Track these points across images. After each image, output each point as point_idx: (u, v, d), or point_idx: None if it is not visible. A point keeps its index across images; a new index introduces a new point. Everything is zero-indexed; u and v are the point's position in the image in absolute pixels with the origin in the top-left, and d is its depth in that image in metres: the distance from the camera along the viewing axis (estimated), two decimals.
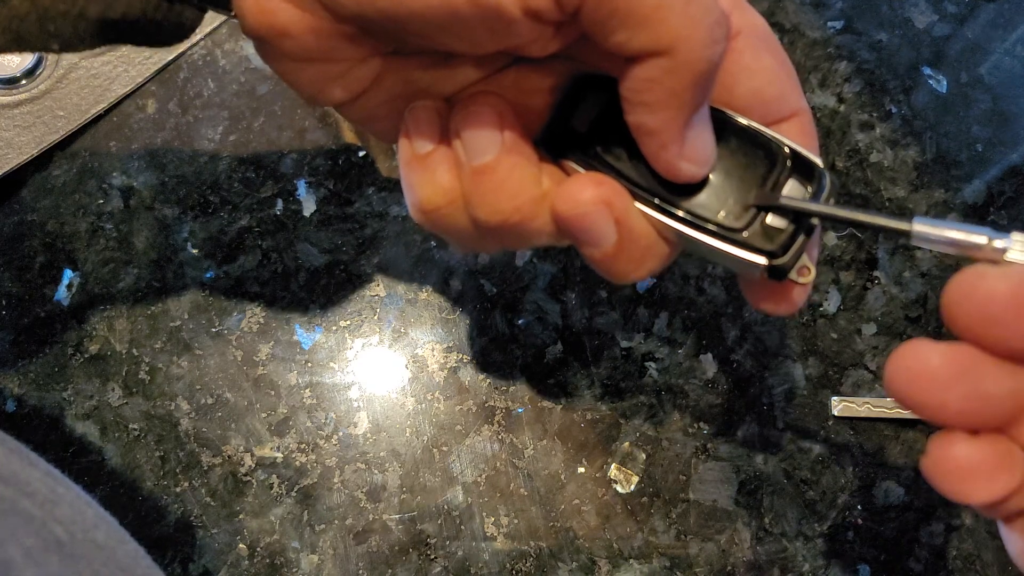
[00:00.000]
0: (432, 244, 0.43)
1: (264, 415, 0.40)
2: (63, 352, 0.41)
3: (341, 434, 0.40)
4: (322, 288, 0.42)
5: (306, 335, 0.42)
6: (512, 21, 0.21)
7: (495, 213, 0.24)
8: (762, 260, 0.24)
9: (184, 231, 0.43)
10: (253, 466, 0.40)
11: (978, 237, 0.20)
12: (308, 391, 0.41)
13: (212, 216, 0.43)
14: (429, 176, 0.25)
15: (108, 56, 0.44)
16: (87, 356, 0.41)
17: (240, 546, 0.39)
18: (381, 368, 0.41)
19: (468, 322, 0.42)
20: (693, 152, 0.23)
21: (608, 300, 0.42)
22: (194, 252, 0.42)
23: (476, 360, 0.41)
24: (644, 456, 0.40)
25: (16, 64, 0.43)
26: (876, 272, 0.42)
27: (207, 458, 0.40)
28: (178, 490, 0.39)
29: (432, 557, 0.39)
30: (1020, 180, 0.44)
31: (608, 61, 0.23)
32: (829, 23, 0.46)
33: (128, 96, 0.44)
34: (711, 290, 0.42)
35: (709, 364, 0.41)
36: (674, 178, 0.24)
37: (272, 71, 0.25)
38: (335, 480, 0.39)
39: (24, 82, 0.43)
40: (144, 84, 0.45)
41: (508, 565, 0.38)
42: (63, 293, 0.42)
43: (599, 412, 0.40)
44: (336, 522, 0.39)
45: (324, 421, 0.40)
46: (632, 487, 0.40)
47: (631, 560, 0.39)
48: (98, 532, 0.28)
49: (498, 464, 0.40)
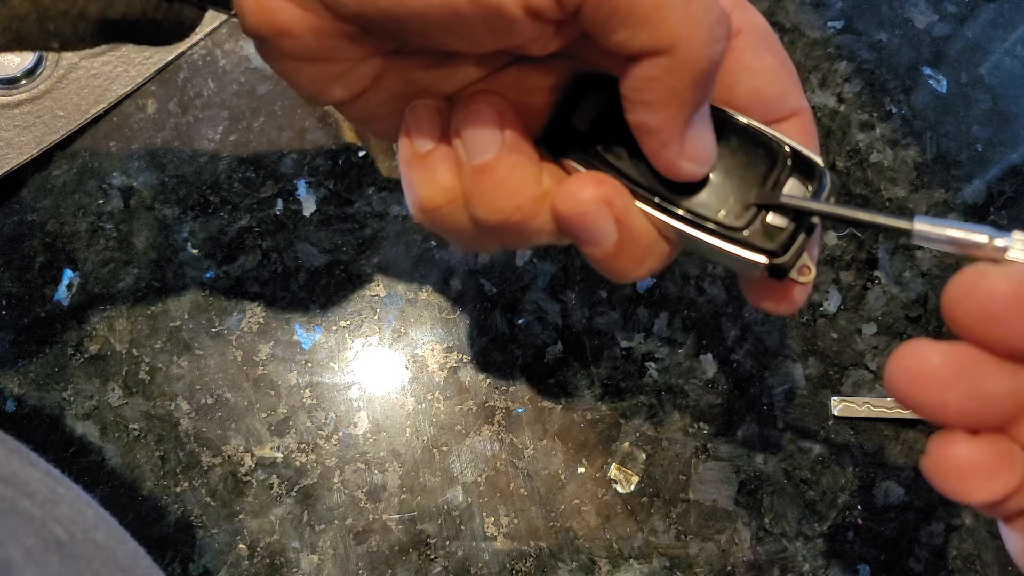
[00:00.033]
0: (432, 244, 0.43)
1: (264, 415, 0.40)
2: (63, 352, 0.41)
3: (341, 434, 0.40)
4: (322, 288, 0.42)
5: (306, 335, 0.42)
6: (513, 20, 0.21)
7: (495, 212, 0.24)
8: (762, 259, 0.24)
9: (184, 231, 0.43)
10: (253, 466, 0.40)
11: (979, 236, 0.20)
12: (308, 391, 0.41)
13: (212, 216, 0.43)
14: (429, 175, 0.25)
15: (108, 56, 0.44)
16: (87, 356, 0.41)
17: (240, 546, 0.39)
18: (381, 368, 0.41)
19: (468, 322, 0.42)
20: (693, 151, 0.23)
21: (608, 300, 0.42)
22: (194, 252, 0.42)
23: (476, 360, 0.41)
24: (644, 456, 0.40)
25: (16, 64, 0.43)
26: (876, 272, 0.42)
27: (207, 458, 0.40)
28: (178, 490, 0.39)
29: (432, 557, 0.38)
30: (1020, 180, 0.44)
31: (609, 60, 0.23)
32: (829, 23, 0.46)
33: (128, 96, 0.44)
34: (711, 290, 0.42)
35: (709, 364, 0.41)
36: (674, 177, 0.24)
37: (272, 71, 0.25)
38: (335, 480, 0.39)
39: (24, 82, 0.43)
40: (144, 84, 0.45)
41: (508, 565, 0.38)
42: (63, 293, 0.42)
43: (599, 412, 0.40)
44: (336, 522, 0.39)
45: (324, 421, 0.40)
46: (632, 487, 0.40)
47: (631, 560, 0.39)
48: (98, 532, 0.28)
49: (498, 464, 0.40)
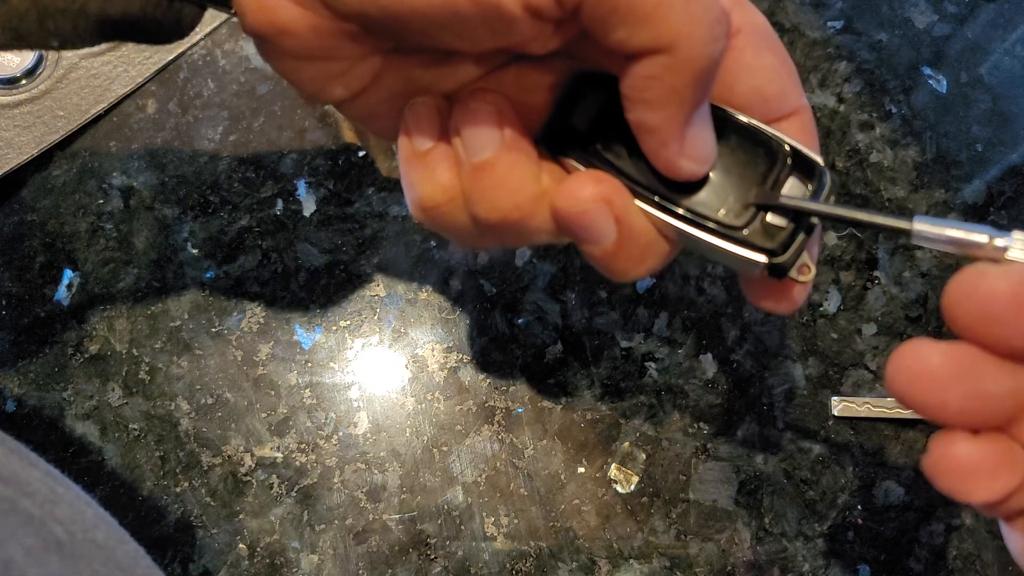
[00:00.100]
0: (432, 244, 0.43)
1: (264, 415, 0.40)
2: (63, 352, 0.41)
3: (341, 434, 0.40)
4: (322, 288, 0.42)
5: (306, 335, 0.42)
6: (513, 19, 0.21)
7: (495, 210, 0.24)
8: (762, 258, 0.24)
9: (184, 231, 0.43)
10: (253, 466, 0.40)
11: (979, 236, 0.20)
12: (308, 391, 0.41)
13: (212, 216, 0.43)
14: (429, 173, 0.25)
15: (108, 56, 0.44)
16: (87, 356, 0.41)
17: (240, 546, 0.39)
18: (381, 368, 0.41)
19: (468, 322, 0.42)
20: (693, 150, 0.23)
21: (608, 300, 0.42)
22: (194, 252, 0.42)
23: (476, 360, 0.41)
24: (644, 456, 0.40)
25: (16, 64, 0.43)
26: (876, 272, 0.42)
27: (207, 458, 0.40)
28: (178, 490, 0.39)
29: (432, 557, 0.38)
30: (1020, 180, 0.44)
31: (608, 58, 0.23)
32: (829, 23, 0.46)
33: (128, 96, 0.44)
34: (711, 290, 0.42)
35: (709, 364, 0.41)
36: (674, 176, 0.24)
37: (272, 70, 0.25)
38: (335, 480, 0.39)
39: (24, 82, 0.43)
40: (144, 84, 0.45)
41: (508, 565, 0.38)
42: (63, 293, 0.42)
43: (599, 412, 0.40)
44: (336, 522, 0.39)
45: (324, 421, 0.40)
46: (632, 487, 0.40)
47: (631, 560, 0.39)
48: (98, 532, 0.28)
49: (498, 464, 0.40)
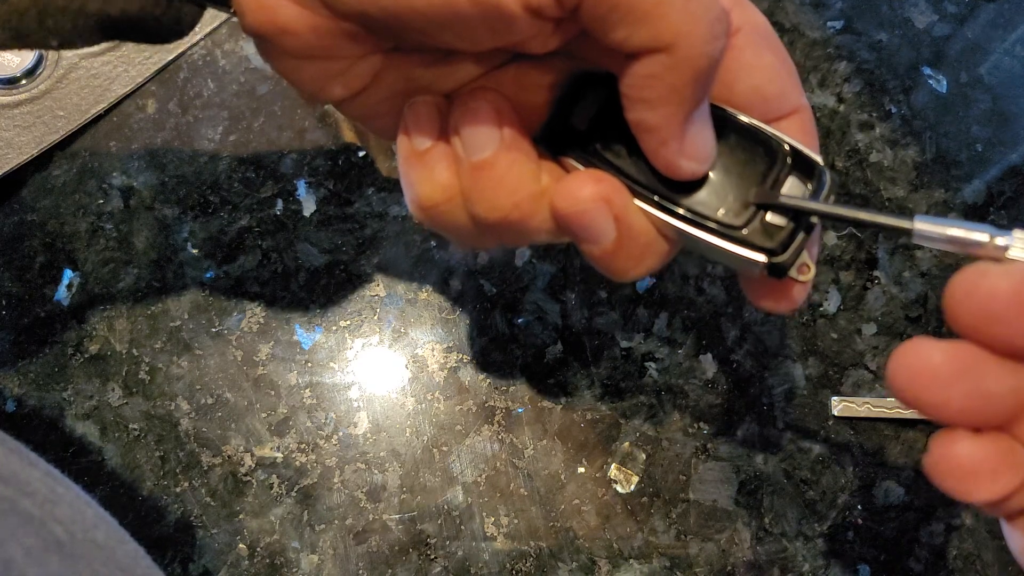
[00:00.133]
0: (432, 244, 0.43)
1: (264, 415, 0.40)
2: (63, 352, 0.41)
3: (341, 434, 0.40)
4: (322, 288, 0.42)
5: (306, 335, 0.42)
6: (513, 18, 0.21)
7: (494, 209, 0.24)
8: (762, 258, 0.24)
9: (184, 231, 0.43)
10: (253, 466, 0.40)
11: (980, 235, 0.20)
12: (308, 391, 0.41)
13: (212, 216, 0.43)
14: (428, 173, 0.25)
15: (108, 56, 0.44)
16: (87, 356, 0.41)
17: (240, 546, 0.39)
18: (381, 368, 0.41)
19: (468, 322, 0.42)
20: (693, 149, 0.23)
21: (608, 300, 0.42)
22: (194, 252, 0.42)
23: (476, 360, 0.41)
24: (644, 456, 0.40)
25: (16, 64, 0.43)
26: (876, 272, 0.42)
27: (207, 458, 0.40)
28: (178, 490, 0.39)
29: (432, 557, 0.38)
30: (1020, 180, 0.44)
31: (608, 58, 0.23)
32: (829, 23, 0.46)
33: (128, 96, 0.44)
34: (711, 290, 0.42)
35: (709, 364, 0.41)
36: (674, 175, 0.24)
37: (272, 70, 0.25)
38: (335, 480, 0.39)
39: (24, 82, 0.43)
40: (144, 84, 0.45)
41: (508, 565, 0.38)
42: (63, 293, 0.42)
43: (599, 412, 0.40)
44: (336, 522, 0.39)
45: (324, 421, 0.40)
46: (632, 487, 0.39)
47: (631, 560, 0.39)
48: (98, 532, 0.28)
49: (498, 464, 0.40)
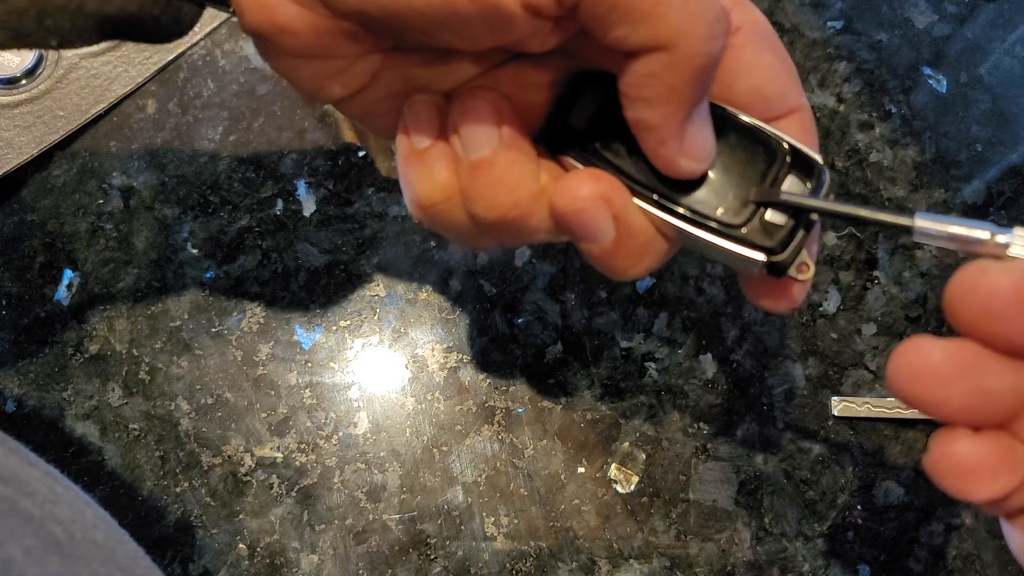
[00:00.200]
0: (432, 244, 0.43)
1: (264, 415, 0.40)
2: (63, 352, 0.41)
3: (341, 434, 0.40)
4: (322, 288, 0.42)
5: (306, 335, 0.41)
6: (512, 17, 0.21)
7: (493, 208, 0.24)
8: (761, 256, 0.24)
9: (184, 231, 0.43)
10: (253, 466, 0.40)
11: (980, 232, 0.20)
12: (308, 391, 0.41)
13: (212, 216, 0.43)
14: (427, 171, 0.25)
15: (108, 56, 0.44)
16: (87, 356, 0.41)
17: (240, 546, 0.39)
18: (381, 368, 0.41)
19: (468, 322, 0.42)
20: (692, 148, 0.23)
21: (608, 300, 0.42)
22: (194, 252, 0.42)
23: (476, 360, 0.41)
24: (644, 456, 0.40)
25: (16, 64, 0.43)
26: (876, 272, 0.42)
27: (207, 458, 0.40)
28: (178, 490, 0.39)
29: (432, 557, 0.38)
30: (1020, 180, 0.44)
31: (607, 57, 0.23)
32: (829, 23, 0.46)
33: (128, 96, 0.44)
34: (710, 290, 0.42)
35: (709, 364, 0.41)
36: (673, 174, 0.24)
37: (271, 69, 0.25)
38: (335, 480, 0.39)
39: (24, 82, 0.43)
40: (144, 84, 0.45)
41: (508, 565, 0.38)
42: (63, 293, 0.42)
43: (599, 412, 0.40)
44: (336, 522, 0.39)
45: (324, 421, 0.40)
46: (632, 487, 0.39)
47: (631, 560, 0.38)
48: (97, 532, 0.28)
49: (498, 464, 0.40)
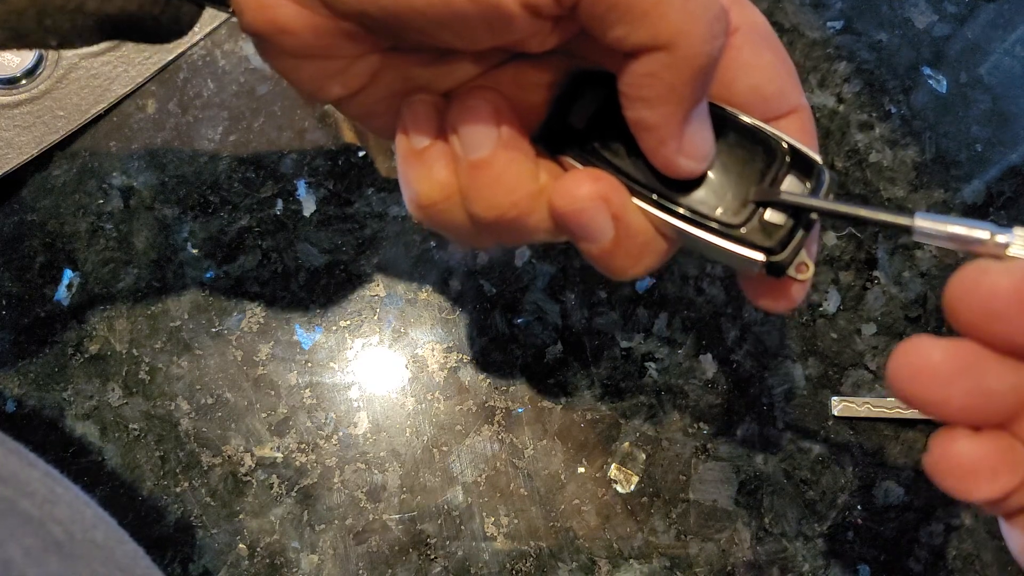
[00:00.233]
0: (432, 244, 0.43)
1: (264, 415, 0.40)
2: (63, 352, 0.41)
3: (341, 434, 0.40)
4: (322, 288, 0.42)
5: (306, 335, 0.41)
6: (511, 17, 0.21)
7: (492, 208, 0.24)
8: (760, 256, 0.24)
9: (184, 231, 0.43)
10: (253, 466, 0.40)
11: (980, 232, 0.20)
12: (308, 391, 0.41)
13: (212, 216, 0.43)
14: (426, 171, 0.25)
15: (108, 56, 0.44)
16: (87, 356, 0.41)
17: (240, 546, 0.39)
18: (381, 368, 0.41)
19: (468, 322, 0.42)
20: (692, 148, 0.23)
21: (608, 300, 0.42)
22: (194, 252, 0.42)
23: (476, 360, 0.41)
24: (644, 456, 0.40)
25: (16, 64, 0.43)
26: (876, 272, 0.42)
27: (207, 458, 0.40)
28: (178, 490, 0.39)
29: (432, 557, 0.38)
30: (1020, 180, 0.44)
31: (606, 56, 0.23)
32: (829, 23, 0.46)
33: (128, 96, 0.44)
34: (710, 290, 0.42)
35: (709, 364, 0.41)
36: (672, 174, 0.24)
37: (271, 69, 0.25)
38: (335, 480, 0.39)
39: (24, 82, 0.43)
40: (144, 84, 0.45)
41: (508, 565, 0.38)
42: (63, 293, 0.42)
43: (599, 412, 0.40)
44: (336, 522, 0.39)
45: (324, 421, 0.40)
46: (632, 487, 0.39)
47: (631, 560, 0.38)
48: (97, 532, 0.28)
49: (498, 464, 0.40)
